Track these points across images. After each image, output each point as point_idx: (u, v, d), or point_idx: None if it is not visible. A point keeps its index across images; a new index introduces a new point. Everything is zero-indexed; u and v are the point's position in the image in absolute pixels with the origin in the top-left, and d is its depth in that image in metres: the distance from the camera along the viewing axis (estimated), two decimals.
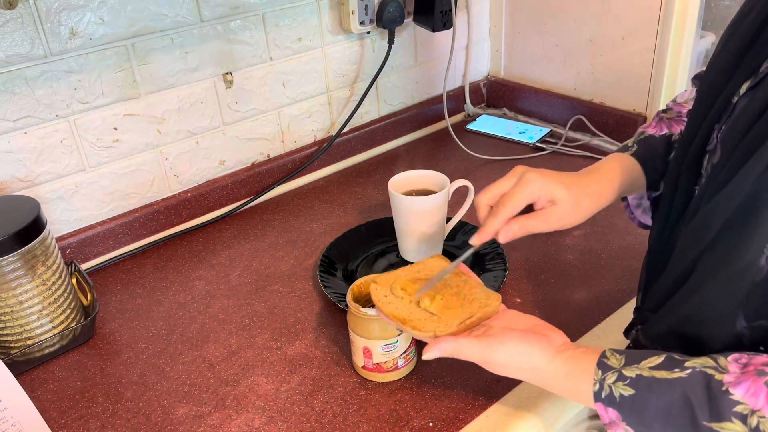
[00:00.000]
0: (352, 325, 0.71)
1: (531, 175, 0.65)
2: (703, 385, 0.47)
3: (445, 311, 0.61)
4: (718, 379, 0.47)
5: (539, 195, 0.64)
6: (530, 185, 0.64)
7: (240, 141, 1.11)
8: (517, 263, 0.91)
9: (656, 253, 0.64)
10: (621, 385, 0.51)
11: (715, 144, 0.56)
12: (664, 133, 0.72)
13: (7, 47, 0.83)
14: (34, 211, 0.76)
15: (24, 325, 0.77)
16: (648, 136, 0.73)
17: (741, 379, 0.46)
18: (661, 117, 0.75)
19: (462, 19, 1.32)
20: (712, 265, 0.52)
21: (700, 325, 0.53)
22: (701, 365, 0.49)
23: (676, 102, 0.76)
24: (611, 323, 0.79)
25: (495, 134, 1.31)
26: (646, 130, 0.74)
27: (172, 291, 0.91)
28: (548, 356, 0.57)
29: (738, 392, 0.46)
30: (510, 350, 0.57)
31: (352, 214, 1.07)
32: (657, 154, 0.71)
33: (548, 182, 0.64)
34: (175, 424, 0.70)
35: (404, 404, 0.70)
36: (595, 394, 0.53)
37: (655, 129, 0.74)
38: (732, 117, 0.54)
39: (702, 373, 0.48)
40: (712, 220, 0.51)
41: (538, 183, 0.64)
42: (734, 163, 0.50)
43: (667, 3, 1.07)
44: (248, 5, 1.02)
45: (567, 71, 1.28)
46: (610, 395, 0.52)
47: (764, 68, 0.52)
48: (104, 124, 0.95)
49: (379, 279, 0.66)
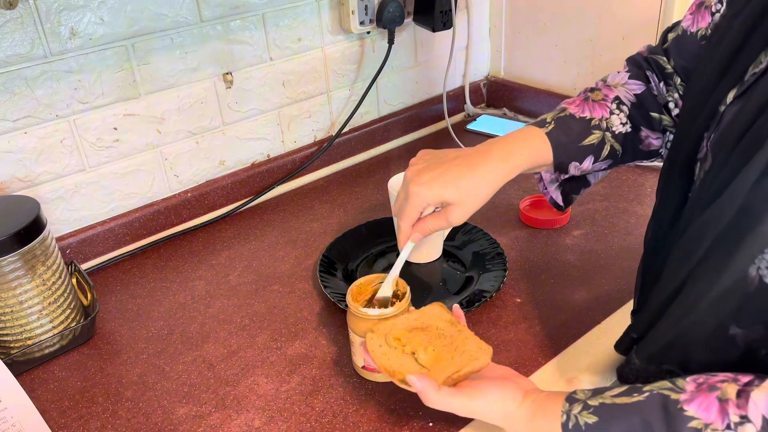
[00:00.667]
0: (351, 326, 0.71)
1: (415, 189, 0.67)
2: (660, 406, 0.49)
3: (436, 364, 0.62)
4: (674, 399, 0.49)
5: (428, 203, 0.67)
6: (415, 200, 0.67)
7: (240, 141, 1.11)
8: (517, 263, 0.91)
9: (651, 258, 0.64)
10: (585, 414, 0.53)
11: (705, 152, 0.56)
12: (585, 115, 0.70)
13: (7, 47, 0.83)
14: (34, 211, 0.76)
15: (24, 325, 0.77)
16: (568, 116, 0.70)
17: (695, 396, 0.48)
18: (587, 96, 0.72)
19: (462, 19, 1.32)
20: (702, 282, 0.52)
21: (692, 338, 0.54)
22: (659, 388, 0.51)
23: (606, 83, 0.73)
24: (611, 323, 0.79)
25: (495, 134, 1.30)
26: (569, 107, 0.71)
27: (172, 291, 0.91)
28: (518, 401, 0.59)
29: (691, 408, 0.47)
30: (487, 399, 0.59)
31: (352, 214, 1.07)
32: (572, 138, 0.69)
33: (433, 190, 0.66)
34: (175, 424, 0.70)
35: (404, 404, 0.70)
36: (563, 425, 0.54)
37: (577, 108, 0.71)
38: (721, 126, 0.54)
39: (659, 395, 0.50)
40: (703, 235, 0.51)
41: (421, 196, 0.67)
42: (725, 175, 0.50)
43: (667, 3, 1.07)
44: (248, 5, 1.02)
45: (567, 71, 1.28)
46: (576, 425, 0.53)
47: (749, 76, 0.52)
48: (104, 124, 0.95)
49: (377, 328, 0.67)
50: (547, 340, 0.77)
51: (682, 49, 0.68)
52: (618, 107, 0.70)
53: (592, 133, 0.69)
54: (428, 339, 0.65)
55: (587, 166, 0.70)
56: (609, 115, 0.70)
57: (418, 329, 0.66)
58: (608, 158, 0.70)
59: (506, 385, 0.60)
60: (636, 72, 0.72)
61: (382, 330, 0.66)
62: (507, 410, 0.59)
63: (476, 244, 0.93)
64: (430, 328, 0.66)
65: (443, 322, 0.67)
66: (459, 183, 0.66)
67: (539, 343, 0.77)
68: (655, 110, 0.70)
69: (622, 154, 0.70)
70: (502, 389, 0.60)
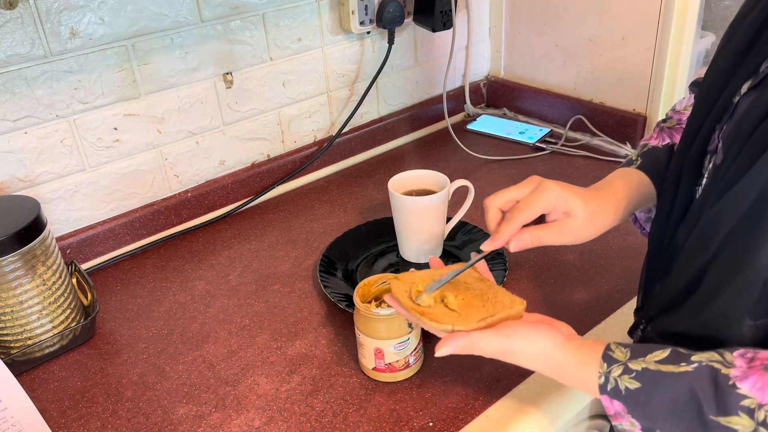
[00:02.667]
0: (361, 327, 0.70)
1: (549, 184, 0.63)
2: (710, 380, 0.47)
3: (466, 309, 0.60)
4: (724, 374, 0.47)
5: (555, 205, 0.63)
6: (547, 193, 0.62)
7: (240, 141, 1.11)
8: (517, 263, 0.91)
9: (657, 255, 0.64)
10: (627, 378, 0.51)
11: (716, 144, 0.56)
12: (667, 143, 0.71)
13: (7, 47, 0.83)
14: (34, 211, 0.76)
15: (24, 325, 0.77)
16: (651, 148, 0.72)
17: (748, 373, 0.46)
18: (662, 127, 0.74)
19: (462, 19, 1.32)
20: (726, 270, 0.51)
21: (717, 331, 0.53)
22: (707, 359, 0.49)
23: (675, 110, 0.75)
24: (611, 323, 0.79)
25: (495, 134, 1.31)
26: (649, 143, 0.73)
27: (172, 291, 0.91)
28: (558, 344, 0.57)
29: (745, 386, 0.46)
30: (523, 337, 0.57)
31: (352, 214, 1.07)
32: (662, 164, 0.69)
33: (566, 193, 0.63)
34: (175, 424, 0.70)
35: (404, 404, 0.70)
36: (601, 386, 0.53)
37: (656, 140, 0.72)
38: (734, 117, 0.54)
39: (709, 368, 0.48)
40: (720, 223, 0.51)
41: (555, 192, 0.63)
42: (740, 165, 0.49)
43: (667, 3, 1.07)
44: (248, 5, 1.02)
45: (567, 71, 1.28)
46: (615, 388, 0.52)
47: (764, 68, 0.52)
48: (104, 124, 0.95)
49: (402, 276, 0.64)
50: None
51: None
52: None
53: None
54: (457, 289, 0.62)
55: None
56: None
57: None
58: None
59: (543, 327, 0.58)
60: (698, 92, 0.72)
61: (408, 278, 0.64)
62: (546, 352, 0.57)
63: (476, 244, 0.93)
64: (457, 282, 0.63)
65: (471, 278, 0.65)
66: (588, 201, 0.63)
67: None
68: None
69: None
70: (540, 330, 0.58)
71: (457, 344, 0.57)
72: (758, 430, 0.45)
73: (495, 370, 0.73)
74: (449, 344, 0.58)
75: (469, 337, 0.57)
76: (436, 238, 0.90)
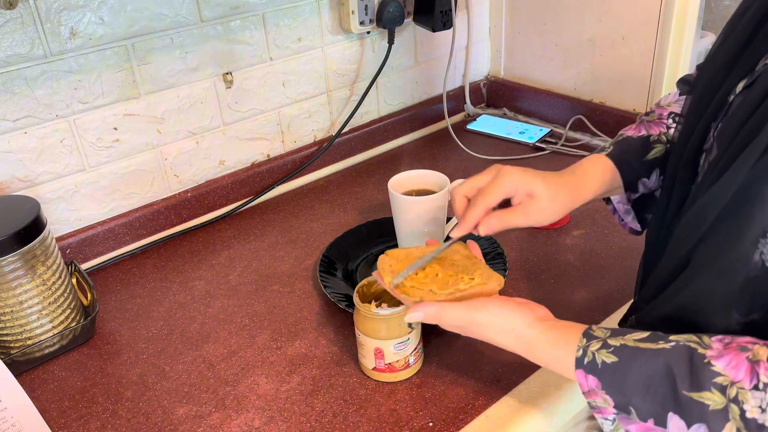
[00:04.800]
0: (361, 327, 0.70)
1: (508, 169, 0.66)
2: (687, 357, 0.49)
3: (442, 283, 0.62)
4: (701, 353, 0.48)
5: (516, 188, 0.66)
6: (508, 177, 0.65)
7: (240, 141, 1.11)
8: (517, 263, 0.91)
9: (653, 251, 0.65)
10: (605, 353, 0.52)
11: (711, 142, 0.56)
12: (642, 134, 0.73)
13: (7, 47, 0.83)
14: (34, 211, 0.76)
15: (24, 325, 0.77)
16: (626, 138, 0.73)
17: (723, 353, 0.48)
18: (642, 120, 0.75)
19: (462, 19, 1.32)
20: (706, 256, 0.53)
21: (695, 314, 0.54)
22: (685, 339, 0.50)
23: (660, 105, 0.76)
24: (611, 323, 0.79)
25: (495, 134, 1.31)
26: (626, 132, 0.75)
27: (172, 291, 0.91)
28: (528, 321, 0.58)
29: (720, 364, 0.47)
30: (491, 311, 0.59)
31: (352, 214, 1.07)
32: (632, 154, 0.71)
33: (526, 176, 0.66)
34: (175, 424, 0.70)
35: (404, 404, 0.70)
36: (577, 360, 0.53)
37: (634, 131, 0.74)
38: (728, 115, 0.54)
39: (686, 347, 0.49)
40: (707, 212, 0.52)
41: (515, 176, 0.65)
42: (728, 158, 0.50)
43: (667, 3, 1.07)
44: (248, 5, 1.02)
45: (567, 71, 1.28)
46: (592, 362, 0.52)
47: (760, 67, 0.52)
48: (104, 124, 0.95)
49: (390, 251, 0.67)
50: None
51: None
52: (674, 121, 0.72)
53: (654, 147, 0.71)
54: (442, 265, 0.64)
55: (654, 181, 0.71)
56: (666, 129, 0.72)
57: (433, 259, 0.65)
58: None
59: (510, 303, 0.60)
60: (686, 89, 0.73)
61: (395, 254, 0.66)
62: (516, 328, 0.58)
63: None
64: (444, 259, 0.66)
65: (459, 255, 0.67)
66: (549, 181, 0.66)
67: None
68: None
69: None
70: (509, 306, 0.59)
71: (426, 311, 0.59)
72: (729, 406, 0.46)
73: (495, 370, 0.73)
74: (418, 310, 0.60)
75: (439, 305, 0.59)
76: (435, 238, 0.90)
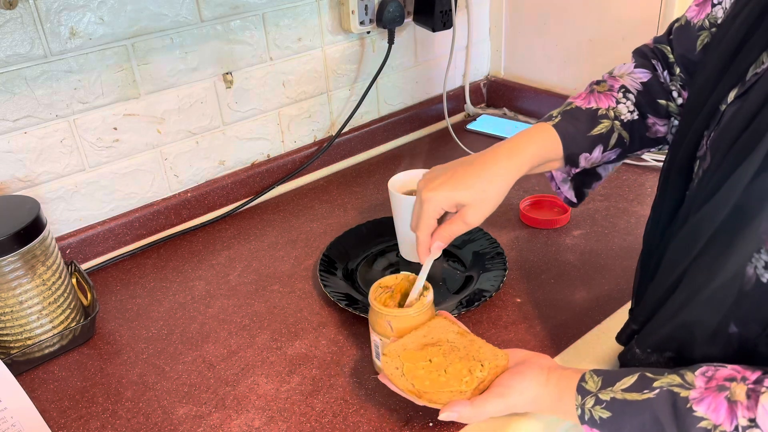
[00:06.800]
0: (374, 326, 0.70)
1: (427, 194, 0.66)
2: (670, 404, 0.50)
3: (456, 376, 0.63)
4: (683, 397, 0.50)
5: (443, 207, 0.66)
6: (429, 206, 0.65)
7: (240, 141, 1.11)
8: (517, 263, 0.91)
9: (649, 255, 0.65)
10: (599, 409, 0.55)
11: (704, 150, 0.56)
12: (591, 106, 0.70)
13: (7, 47, 0.83)
14: (34, 211, 0.76)
15: (24, 325, 0.77)
16: (575, 108, 0.71)
17: (704, 395, 0.49)
18: (593, 89, 0.72)
19: (462, 19, 1.32)
20: (698, 278, 0.53)
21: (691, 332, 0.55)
22: (668, 384, 0.52)
23: (612, 75, 0.73)
24: (611, 323, 0.79)
25: (495, 134, 1.31)
26: (575, 101, 0.72)
27: (172, 291, 0.91)
28: (542, 382, 0.60)
29: (701, 409, 0.49)
30: (517, 391, 0.61)
31: (352, 214, 1.07)
32: (579, 128, 0.69)
33: (445, 192, 0.65)
34: (175, 424, 0.70)
35: (404, 404, 0.70)
36: (579, 417, 0.56)
37: (583, 101, 0.71)
38: (720, 125, 0.54)
39: (668, 392, 0.51)
40: (700, 231, 0.52)
41: (434, 200, 0.65)
42: (722, 173, 0.50)
43: (667, 3, 1.07)
44: (248, 5, 1.02)
45: (567, 71, 1.28)
46: (591, 418, 0.55)
47: (751, 75, 0.52)
48: (104, 124, 0.95)
49: (387, 350, 0.65)
50: (547, 340, 0.77)
51: (682, 39, 0.68)
52: (624, 96, 0.70)
53: (600, 122, 0.69)
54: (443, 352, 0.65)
55: (597, 157, 0.70)
56: (616, 104, 0.70)
57: (430, 345, 0.65)
58: (617, 147, 0.70)
59: (528, 371, 0.62)
60: (642, 62, 0.72)
61: (394, 352, 0.65)
62: (536, 394, 0.60)
63: (476, 243, 0.93)
64: (441, 342, 0.66)
65: (452, 334, 0.67)
66: (469, 182, 0.65)
67: (539, 343, 0.77)
68: (662, 97, 0.70)
69: (630, 143, 0.70)
70: (527, 377, 0.61)
71: (461, 412, 0.60)
72: None
73: None
74: (452, 410, 0.60)
75: (472, 406, 0.60)
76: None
